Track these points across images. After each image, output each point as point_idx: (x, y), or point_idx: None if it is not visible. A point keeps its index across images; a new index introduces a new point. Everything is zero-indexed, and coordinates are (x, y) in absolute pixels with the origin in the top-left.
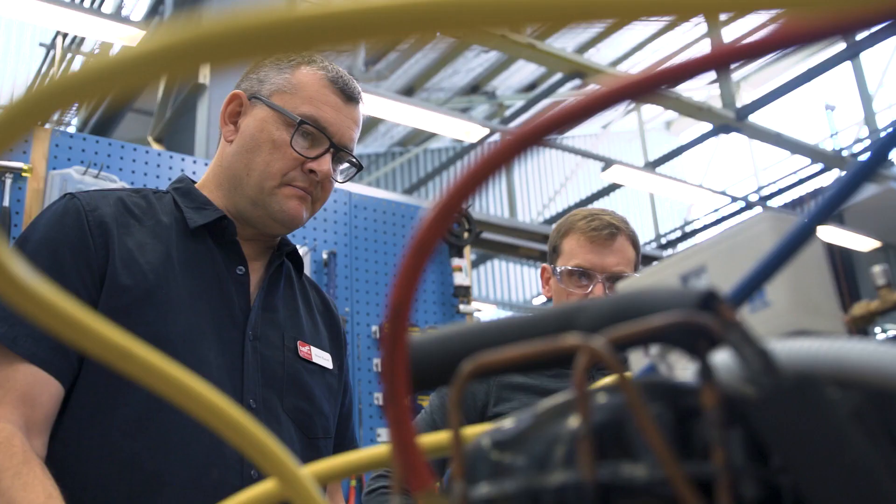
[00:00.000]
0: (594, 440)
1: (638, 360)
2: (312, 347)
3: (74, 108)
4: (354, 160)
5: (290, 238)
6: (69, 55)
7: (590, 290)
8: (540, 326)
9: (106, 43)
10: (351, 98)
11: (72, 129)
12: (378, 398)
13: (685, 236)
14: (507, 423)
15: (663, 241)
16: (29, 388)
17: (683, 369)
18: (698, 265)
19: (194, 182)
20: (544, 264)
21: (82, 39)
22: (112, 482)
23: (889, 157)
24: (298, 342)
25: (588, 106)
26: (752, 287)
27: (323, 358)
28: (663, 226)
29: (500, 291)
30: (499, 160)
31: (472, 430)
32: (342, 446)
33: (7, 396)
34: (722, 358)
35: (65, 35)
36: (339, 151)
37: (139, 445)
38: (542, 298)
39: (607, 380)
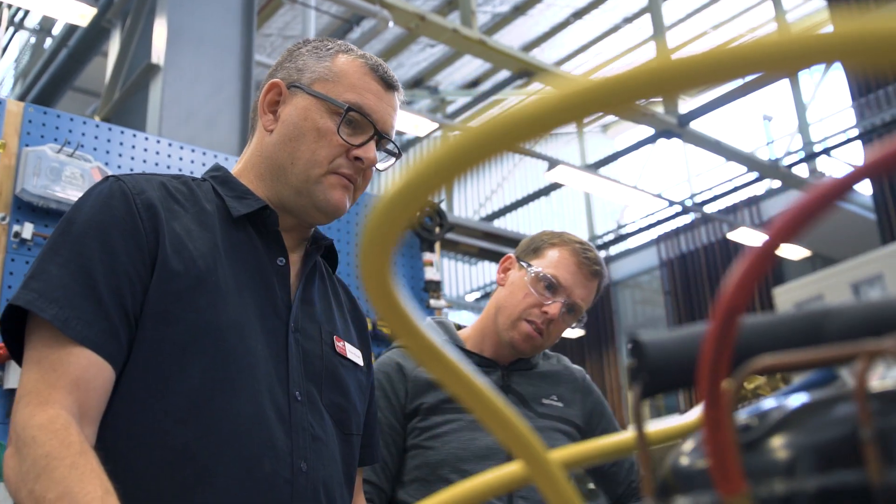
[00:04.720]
0: (870, 445)
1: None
2: (346, 343)
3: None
4: (395, 148)
5: None
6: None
7: (549, 303)
8: (788, 329)
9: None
10: (391, 86)
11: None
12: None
13: (619, 238)
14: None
15: (598, 242)
16: (83, 371)
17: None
18: (874, 273)
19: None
20: (510, 254)
21: (27, 12)
22: (163, 471)
23: None
24: (335, 337)
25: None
26: None
27: (355, 354)
28: (598, 227)
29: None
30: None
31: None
32: (370, 446)
33: (61, 381)
34: None
35: (9, 6)
36: (382, 138)
37: (190, 434)
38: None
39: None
